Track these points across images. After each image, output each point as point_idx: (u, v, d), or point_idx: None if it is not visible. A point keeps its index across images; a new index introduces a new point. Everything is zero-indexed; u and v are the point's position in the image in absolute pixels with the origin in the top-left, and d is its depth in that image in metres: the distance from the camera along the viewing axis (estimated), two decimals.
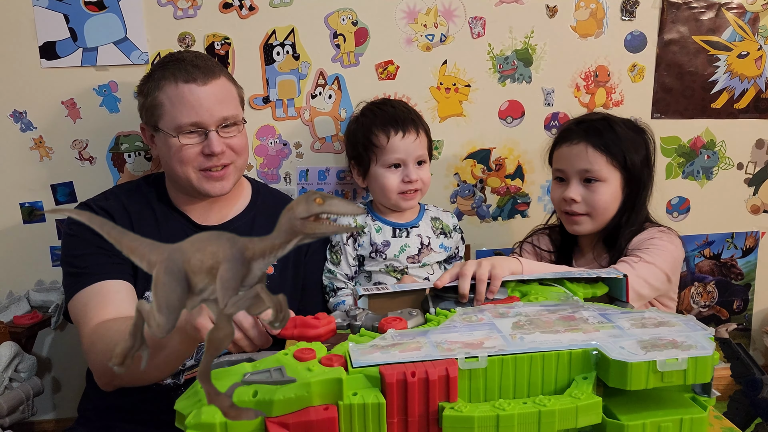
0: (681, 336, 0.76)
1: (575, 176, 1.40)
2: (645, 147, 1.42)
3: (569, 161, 1.41)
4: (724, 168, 1.93)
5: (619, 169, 1.38)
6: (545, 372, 0.74)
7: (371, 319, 0.92)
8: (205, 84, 1.29)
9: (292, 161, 1.75)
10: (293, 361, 0.72)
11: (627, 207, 1.40)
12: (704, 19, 1.81)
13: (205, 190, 1.33)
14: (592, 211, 1.39)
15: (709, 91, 1.87)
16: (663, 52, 1.82)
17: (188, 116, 1.28)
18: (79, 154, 1.67)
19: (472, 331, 0.80)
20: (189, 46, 1.63)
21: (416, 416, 0.70)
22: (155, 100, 1.30)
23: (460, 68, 1.75)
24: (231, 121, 1.33)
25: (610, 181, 1.38)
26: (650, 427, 0.72)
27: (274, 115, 1.71)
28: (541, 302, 0.94)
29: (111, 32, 1.61)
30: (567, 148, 1.42)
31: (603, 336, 0.77)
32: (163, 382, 1.30)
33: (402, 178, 1.51)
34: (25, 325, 1.54)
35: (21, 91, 1.62)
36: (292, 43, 1.67)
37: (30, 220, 1.69)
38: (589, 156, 1.37)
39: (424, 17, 1.71)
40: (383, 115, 1.53)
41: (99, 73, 1.63)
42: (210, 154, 1.29)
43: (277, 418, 0.66)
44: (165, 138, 1.30)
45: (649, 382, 0.71)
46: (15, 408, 1.40)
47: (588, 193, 1.39)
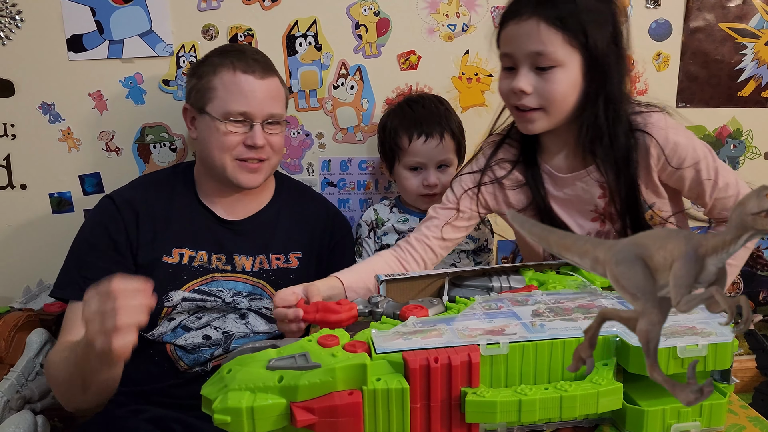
0: (700, 323, 0.77)
1: (525, 62, 1.10)
2: (612, 20, 1.12)
3: (517, 43, 1.10)
4: (750, 157, 1.91)
5: (579, 49, 1.08)
6: (565, 358, 0.75)
7: (392, 307, 0.93)
8: (262, 78, 1.33)
9: (315, 152, 1.76)
10: (317, 347, 0.73)
11: (592, 98, 1.11)
12: (731, 6, 1.78)
13: (237, 180, 1.34)
14: (547, 104, 1.11)
15: (736, 79, 1.84)
16: (688, 40, 1.80)
17: (239, 105, 1.31)
18: (106, 145, 1.70)
19: (492, 319, 0.81)
20: (212, 38, 1.65)
21: (438, 401, 0.71)
22: (209, 83, 1.33)
23: (482, 58, 1.75)
24: (276, 119, 1.36)
25: (568, 66, 1.09)
26: (670, 412, 0.74)
27: (297, 105, 1.72)
28: (559, 290, 0.94)
29: (136, 25, 1.63)
30: (515, 26, 1.11)
31: None
32: (192, 369, 1.33)
33: (422, 181, 1.52)
34: (54, 312, 1.57)
35: (49, 83, 1.65)
36: (315, 34, 1.68)
37: (59, 210, 1.73)
38: (541, 35, 1.07)
39: (446, 7, 1.71)
40: (411, 115, 1.54)
41: (125, 65, 1.66)
42: (252, 145, 1.32)
43: (303, 403, 0.67)
44: (210, 122, 1.32)
45: (669, 368, 0.72)
46: (46, 393, 1.44)
47: (541, 82, 1.09)
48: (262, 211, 1.44)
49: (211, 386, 0.71)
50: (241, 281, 1.37)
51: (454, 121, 1.55)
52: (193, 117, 1.38)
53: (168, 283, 1.33)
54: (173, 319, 1.34)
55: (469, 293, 1.00)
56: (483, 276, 1.05)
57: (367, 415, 0.69)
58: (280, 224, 1.44)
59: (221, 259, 1.37)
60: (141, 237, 1.34)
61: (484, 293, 1.00)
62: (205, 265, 1.36)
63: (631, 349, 0.72)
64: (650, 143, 1.13)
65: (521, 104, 1.12)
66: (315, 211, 1.49)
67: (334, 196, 1.78)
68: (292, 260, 1.42)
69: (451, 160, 1.54)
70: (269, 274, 1.39)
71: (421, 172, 1.53)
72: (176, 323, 1.34)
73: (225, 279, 1.36)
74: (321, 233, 1.47)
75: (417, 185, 1.53)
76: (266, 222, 1.43)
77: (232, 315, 1.36)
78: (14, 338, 1.45)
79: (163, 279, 1.32)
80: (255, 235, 1.41)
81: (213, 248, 1.37)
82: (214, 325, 1.35)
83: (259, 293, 1.38)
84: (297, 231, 1.45)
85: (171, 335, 1.33)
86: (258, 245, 1.40)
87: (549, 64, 1.08)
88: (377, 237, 1.59)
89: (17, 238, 1.74)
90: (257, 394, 0.67)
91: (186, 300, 1.33)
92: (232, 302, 1.35)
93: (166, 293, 1.32)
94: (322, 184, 1.78)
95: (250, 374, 0.68)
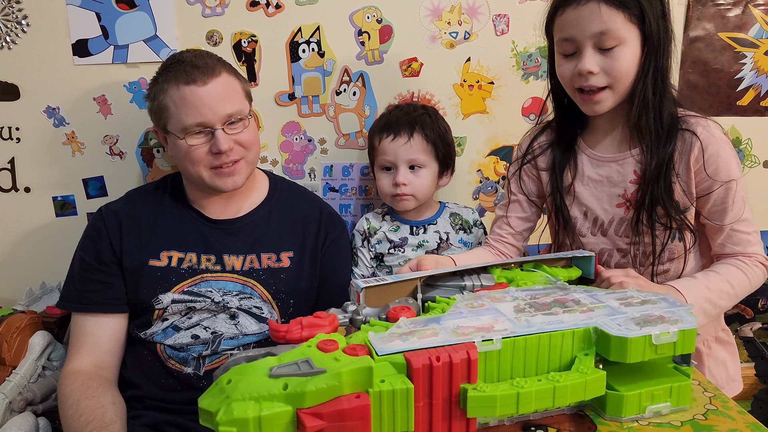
0: (666, 312, 0.83)
1: (588, 43, 1.13)
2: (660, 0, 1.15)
3: (579, 26, 1.13)
4: (749, 166, 1.92)
5: (638, 25, 1.12)
6: (551, 351, 0.79)
7: (371, 312, 0.93)
8: (205, 84, 1.29)
9: (317, 157, 1.77)
10: (318, 352, 0.72)
11: (645, 71, 1.15)
12: (730, 15, 1.80)
13: (218, 186, 1.35)
14: (614, 81, 1.14)
15: (735, 88, 1.85)
16: (688, 49, 1.81)
17: (192, 117, 1.29)
18: (110, 149, 1.71)
19: (479, 316, 0.84)
20: (217, 44, 1.66)
21: (440, 399, 0.73)
22: (161, 104, 1.32)
23: (483, 65, 1.76)
24: (237, 117, 1.33)
25: (629, 42, 1.12)
26: (645, 395, 0.80)
27: (300, 111, 1.74)
28: (530, 287, 0.98)
29: (141, 30, 1.64)
30: (574, 12, 1.13)
31: (599, 315, 0.83)
32: (184, 371, 1.34)
33: (393, 181, 1.53)
34: (57, 315, 1.58)
35: (55, 87, 1.66)
36: (318, 41, 1.70)
37: (62, 213, 1.74)
38: (602, 15, 1.10)
39: (448, 15, 1.72)
40: (386, 117, 1.57)
41: (129, 70, 1.67)
42: (218, 152, 1.31)
43: (310, 409, 0.66)
44: (174, 140, 1.33)
45: (645, 355, 0.77)
46: (48, 395, 1.44)
47: (607, 61, 1.13)
48: (254, 211, 1.45)
49: (210, 398, 0.68)
50: (231, 281, 1.38)
51: (433, 126, 1.54)
52: (163, 136, 1.39)
53: (157, 285, 1.35)
54: (166, 320, 1.36)
55: (443, 293, 1.02)
56: (454, 276, 1.06)
57: (373, 417, 0.70)
58: (272, 224, 1.45)
59: (210, 260, 1.38)
60: (125, 245, 1.37)
61: (458, 292, 1.02)
62: (194, 266, 1.37)
63: (612, 339, 0.78)
64: (695, 143, 1.16)
65: (588, 85, 1.15)
66: (308, 211, 1.49)
67: (336, 201, 1.79)
68: (284, 259, 1.42)
69: (423, 162, 1.53)
70: (259, 273, 1.39)
71: (393, 171, 1.54)
72: (168, 323, 1.36)
73: (214, 279, 1.37)
74: (315, 233, 1.47)
75: (388, 185, 1.55)
76: (257, 221, 1.44)
77: (222, 315, 1.37)
78: (17, 340, 1.46)
79: (151, 282, 1.35)
80: (245, 235, 1.42)
81: (202, 249, 1.39)
82: (203, 324, 1.36)
83: (249, 292, 1.38)
84: (289, 230, 1.45)
85: (161, 335, 1.35)
86: (248, 244, 1.41)
87: (613, 43, 1.12)
88: (371, 246, 1.60)
89: (21, 240, 1.75)
90: (262, 402, 0.65)
91: (176, 302, 1.35)
92: (221, 302, 1.36)
93: (156, 296, 1.34)
94: (324, 189, 1.79)
95: (252, 383, 0.66)
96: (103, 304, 1.35)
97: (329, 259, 1.48)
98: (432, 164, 1.54)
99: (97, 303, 1.35)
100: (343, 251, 1.54)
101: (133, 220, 1.39)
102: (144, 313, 1.36)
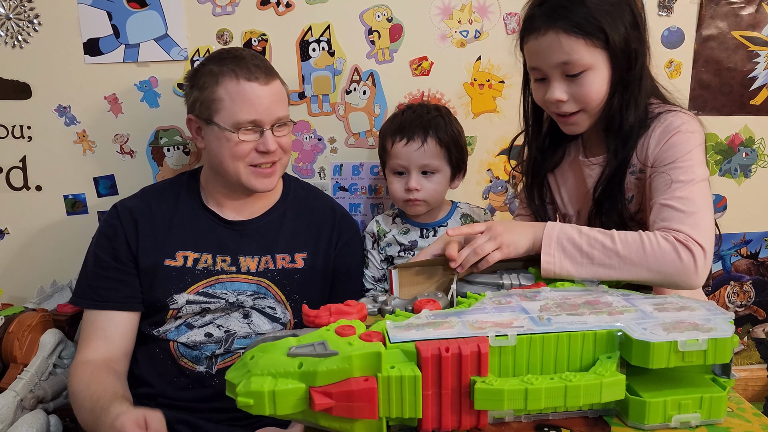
0: (702, 320, 0.80)
1: (554, 72, 1.12)
2: (629, 9, 1.12)
3: (542, 56, 1.12)
4: (762, 165, 1.90)
5: (602, 47, 1.09)
6: (571, 351, 0.79)
7: (400, 304, 0.97)
8: (266, 84, 1.32)
9: (327, 156, 1.77)
10: (335, 336, 0.77)
11: (619, 85, 1.13)
12: (744, 14, 1.78)
13: (253, 185, 1.36)
14: (585, 106, 1.13)
15: (749, 87, 1.84)
16: (701, 47, 1.80)
17: (248, 113, 1.31)
18: (121, 148, 1.72)
19: (501, 313, 0.85)
20: (227, 43, 1.67)
21: (449, 389, 0.75)
22: (213, 94, 1.32)
23: (494, 64, 1.75)
24: (284, 121, 1.37)
25: (596, 66, 1.10)
26: (671, 404, 0.77)
27: (310, 110, 1.74)
28: (567, 288, 0.97)
29: (152, 29, 1.64)
30: (536, 42, 1.12)
31: (626, 318, 0.82)
32: (196, 369, 1.34)
33: (405, 186, 1.52)
34: (68, 313, 1.59)
35: (66, 86, 1.67)
36: (328, 40, 1.69)
37: (73, 212, 1.75)
38: (563, 46, 1.08)
39: (458, 13, 1.71)
40: (399, 119, 1.54)
41: (140, 69, 1.67)
42: (264, 151, 1.33)
43: (321, 388, 0.71)
44: (220, 132, 1.32)
45: (670, 361, 0.75)
46: (59, 393, 1.45)
47: (574, 88, 1.12)
48: (268, 212, 1.46)
49: (235, 371, 0.75)
50: (246, 281, 1.39)
51: (446, 130, 1.51)
52: (198, 127, 1.39)
53: (172, 286, 1.35)
54: (180, 318, 1.36)
55: (479, 290, 1.02)
56: (493, 273, 1.07)
57: (381, 401, 0.73)
58: (286, 225, 1.45)
59: (226, 261, 1.39)
60: (141, 243, 1.37)
61: (495, 290, 1.02)
62: (210, 267, 1.38)
63: (635, 343, 0.76)
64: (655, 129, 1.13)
65: (561, 111, 1.15)
66: (322, 212, 1.50)
67: (346, 200, 1.79)
68: (298, 260, 1.43)
69: (436, 167, 1.50)
70: (274, 274, 1.40)
71: (405, 176, 1.53)
72: (181, 321, 1.36)
73: (229, 281, 1.38)
74: (328, 234, 1.48)
75: (400, 190, 1.52)
76: (271, 222, 1.44)
77: (235, 314, 1.37)
78: (28, 338, 1.47)
79: (166, 282, 1.35)
80: (260, 236, 1.42)
81: (217, 250, 1.39)
82: (217, 323, 1.37)
83: (263, 292, 1.39)
84: (303, 231, 1.46)
85: (175, 332, 1.36)
86: (263, 246, 1.41)
87: (578, 70, 1.10)
88: (381, 248, 1.59)
89: (32, 238, 1.75)
90: (278, 379, 0.71)
91: (190, 302, 1.35)
92: (236, 302, 1.37)
93: (171, 296, 1.35)
94: (334, 188, 1.79)
95: (271, 360, 0.72)
96: (117, 302, 1.36)
97: (341, 261, 1.49)
98: (445, 168, 1.52)
99: (111, 300, 1.35)
100: (355, 252, 1.55)
101: (149, 218, 1.39)
102: (158, 312, 1.36)
